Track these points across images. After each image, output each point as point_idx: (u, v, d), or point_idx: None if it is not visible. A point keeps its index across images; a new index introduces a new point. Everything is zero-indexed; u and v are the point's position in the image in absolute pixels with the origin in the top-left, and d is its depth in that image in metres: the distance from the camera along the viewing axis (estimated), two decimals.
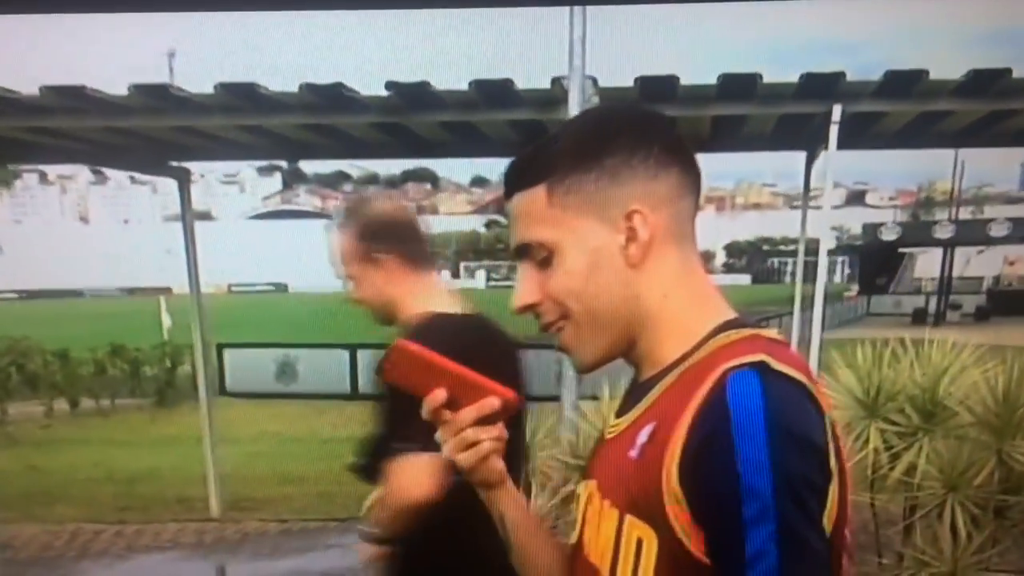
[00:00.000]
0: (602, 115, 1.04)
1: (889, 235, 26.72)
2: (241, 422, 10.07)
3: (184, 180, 6.34)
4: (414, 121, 5.28)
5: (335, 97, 4.82)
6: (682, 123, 5.11)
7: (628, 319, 0.97)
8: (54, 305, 51.83)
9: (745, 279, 70.68)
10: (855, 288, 34.09)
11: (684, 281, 0.99)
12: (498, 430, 1.02)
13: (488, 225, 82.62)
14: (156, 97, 4.75)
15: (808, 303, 5.46)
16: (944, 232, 24.52)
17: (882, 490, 3.26)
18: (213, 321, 6.96)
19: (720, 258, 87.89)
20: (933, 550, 3.10)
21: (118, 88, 4.75)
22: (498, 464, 1.07)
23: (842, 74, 4.47)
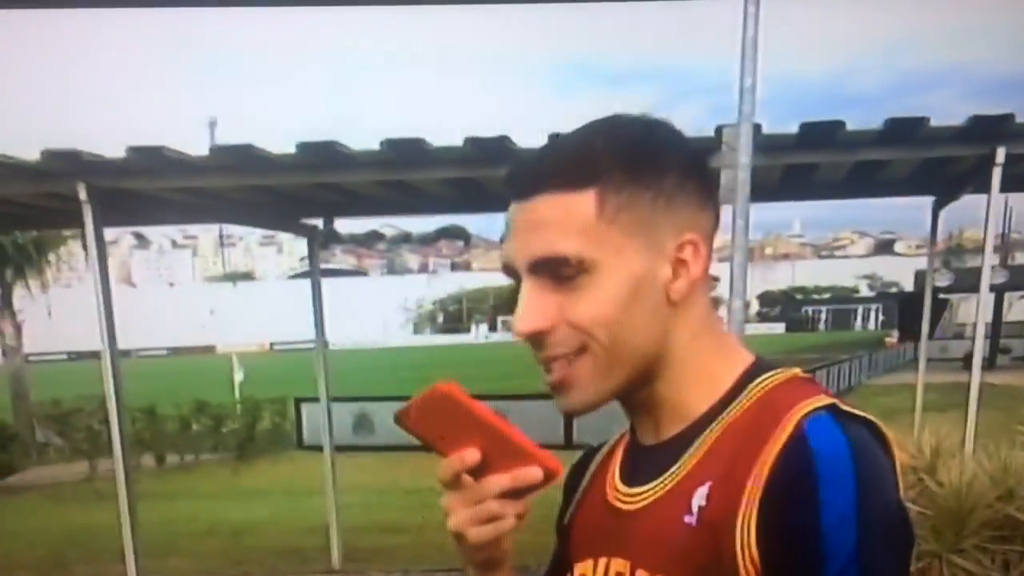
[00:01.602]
0: (650, 128, 0.88)
1: (942, 281, 26.50)
2: (320, 475, 10.10)
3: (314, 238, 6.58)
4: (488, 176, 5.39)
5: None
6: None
7: (651, 359, 0.86)
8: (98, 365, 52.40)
9: (779, 328, 70.36)
10: (895, 334, 34.03)
11: (709, 324, 0.90)
12: (524, 506, 0.85)
13: None
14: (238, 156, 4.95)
15: (847, 349, 5.47)
16: (996, 278, 24.60)
17: None
18: (275, 376, 7.14)
19: (754, 307, 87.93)
20: None
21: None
22: (509, 545, 0.91)
23: (1010, 115, 4.46)
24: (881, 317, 48.43)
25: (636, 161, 0.84)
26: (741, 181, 3.80)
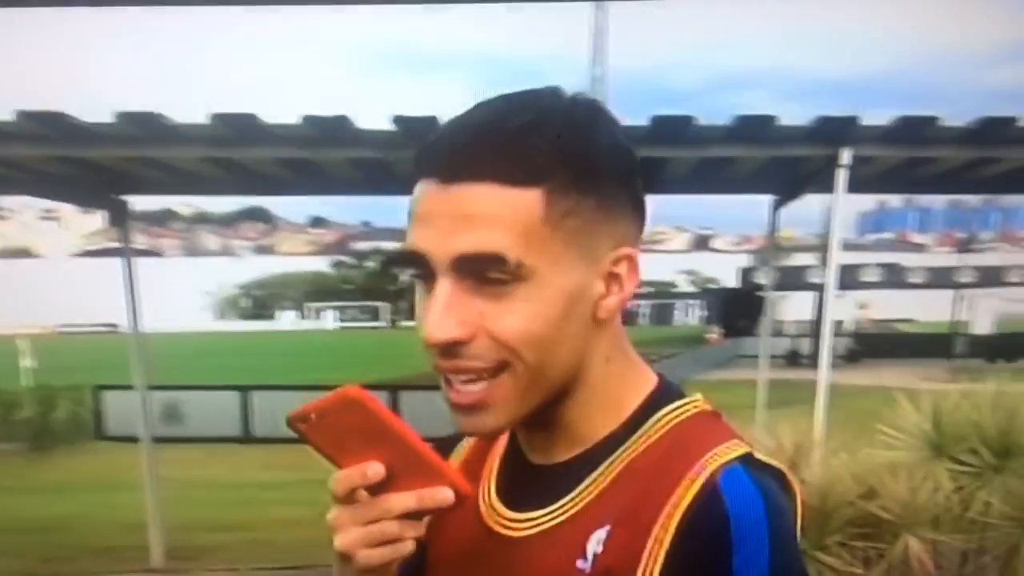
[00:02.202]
0: (593, 117, 0.77)
1: (765, 279, 27.07)
2: (128, 467, 9.44)
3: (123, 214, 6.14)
4: (247, 156, 5.28)
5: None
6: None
7: (568, 381, 0.79)
8: None
9: None
10: (715, 330, 34.86)
11: (621, 343, 0.84)
12: (422, 528, 0.76)
13: (336, 265, 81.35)
14: None
15: (674, 344, 5.67)
16: (817, 277, 24.90)
17: (952, 530, 3.32)
18: (65, 362, 6.72)
19: None
20: None
21: None
22: (395, 569, 0.79)
23: (855, 117, 4.58)
24: (701, 313, 50.78)
25: (583, 159, 0.74)
26: None
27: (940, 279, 27.12)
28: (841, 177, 4.62)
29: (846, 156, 4.59)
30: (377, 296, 71.96)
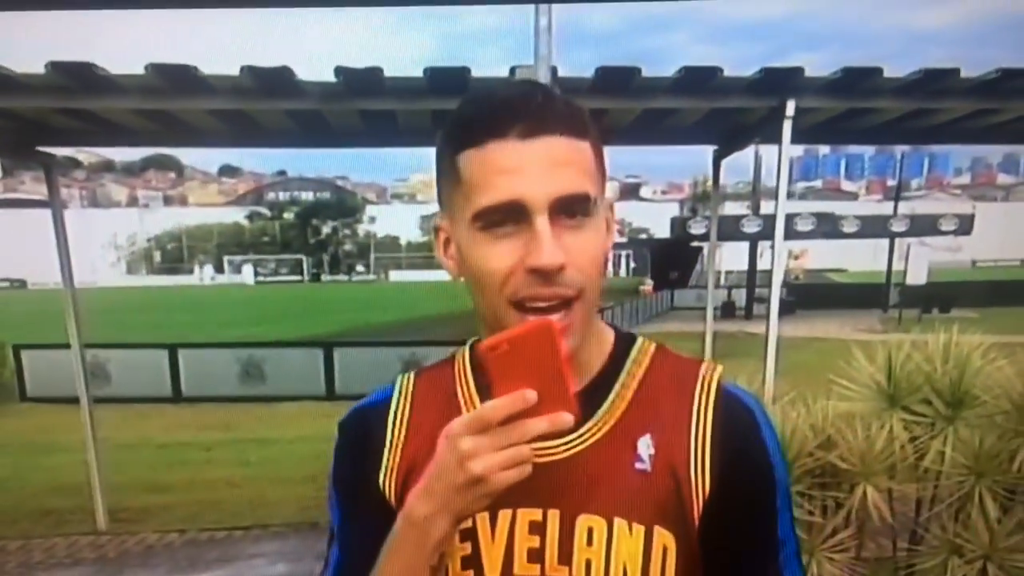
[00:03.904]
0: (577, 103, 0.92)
1: (698, 229, 26.41)
2: (58, 429, 9.22)
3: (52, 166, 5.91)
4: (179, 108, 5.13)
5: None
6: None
7: None
8: None
9: None
10: (649, 282, 34.13)
11: None
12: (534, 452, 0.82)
13: (251, 217, 79.10)
14: None
15: (607, 297, 5.51)
16: (752, 227, 24.59)
17: (907, 479, 3.39)
18: None
19: None
20: (968, 534, 3.26)
21: None
22: None
23: (800, 68, 4.57)
24: (632, 264, 50.58)
25: (592, 125, 0.90)
26: None
27: (874, 228, 26.96)
28: (786, 128, 4.69)
29: (791, 107, 4.65)
30: (297, 249, 70.69)
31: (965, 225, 25.49)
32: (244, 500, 6.66)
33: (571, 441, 0.91)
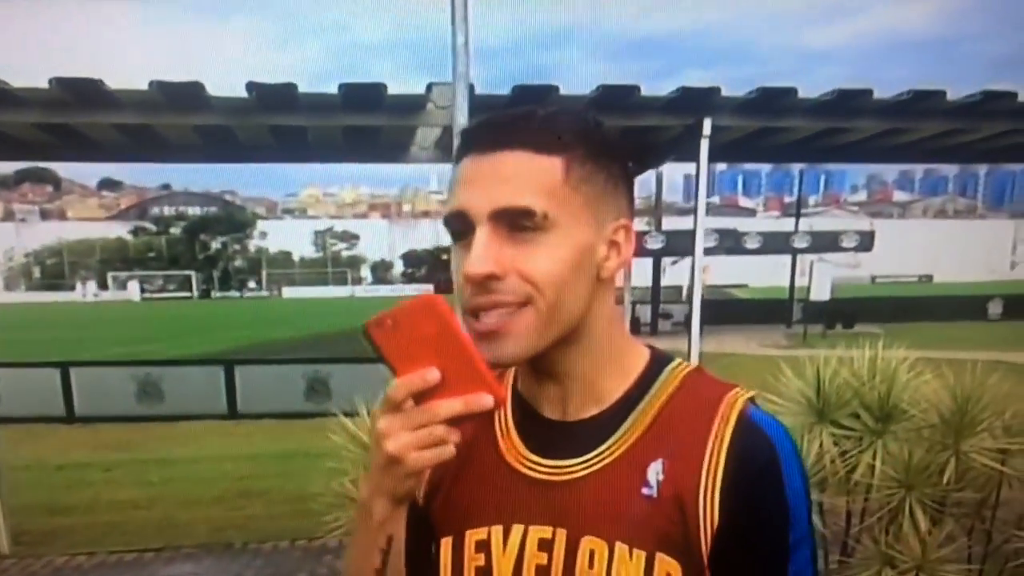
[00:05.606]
0: (596, 118, 0.95)
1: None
2: None
3: None
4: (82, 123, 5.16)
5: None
6: None
7: (575, 326, 0.91)
8: None
9: (428, 288, 70.75)
10: None
11: (620, 316, 0.98)
12: (459, 434, 0.84)
13: (135, 232, 76.16)
14: None
15: None
16: (655, 243, 24.90)
17: (837, 492, 3.42)
18: None
19: (399, 267, 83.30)
20: (900, 545, 3.27)
21: None
22: (424, 477, 0.94)
23: (716, 88, 4.70)
24: None
25: (595, 143, 0.91)
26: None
27: (776, 244, 27.62)
28: (703, 147, 4.86)
29: (707, 126, 4.83)
30: (185, 265, 68.45)
31: (866, 241, 26.10)
32: (151, 521, 6.52)
33: (582, 463, 0.93)
